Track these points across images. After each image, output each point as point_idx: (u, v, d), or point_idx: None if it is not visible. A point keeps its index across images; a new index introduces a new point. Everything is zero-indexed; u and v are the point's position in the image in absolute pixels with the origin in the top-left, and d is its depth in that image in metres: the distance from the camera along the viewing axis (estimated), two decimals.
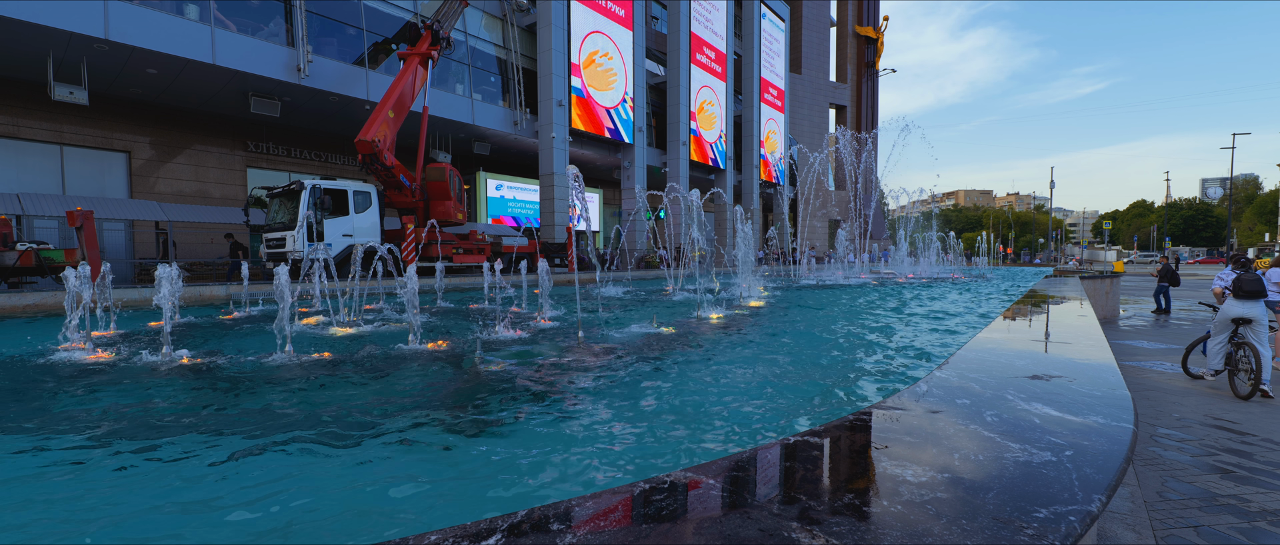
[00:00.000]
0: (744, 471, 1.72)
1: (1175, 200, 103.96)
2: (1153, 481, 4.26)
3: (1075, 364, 3.36)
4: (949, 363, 3.33)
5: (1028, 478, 1.60)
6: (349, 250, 15.16)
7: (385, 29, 19.50)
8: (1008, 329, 5.07)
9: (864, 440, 2.01)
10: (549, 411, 3.88)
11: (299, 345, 6.07)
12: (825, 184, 50.48)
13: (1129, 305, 18.94)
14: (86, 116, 17.43)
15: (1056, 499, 1.45)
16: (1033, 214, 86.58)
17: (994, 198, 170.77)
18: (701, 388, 4.54)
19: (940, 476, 1.60)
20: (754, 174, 37.91)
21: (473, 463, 3.00)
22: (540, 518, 1.37)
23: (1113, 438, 1.96)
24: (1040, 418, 2.19)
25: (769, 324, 8.48)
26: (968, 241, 57.81)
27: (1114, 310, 16.06)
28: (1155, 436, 5.33)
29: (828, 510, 1.40)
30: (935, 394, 2.57)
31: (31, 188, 16.85)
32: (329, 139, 22.80)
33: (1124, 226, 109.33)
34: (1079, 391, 2.63)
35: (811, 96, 50.24)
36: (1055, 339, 4.47)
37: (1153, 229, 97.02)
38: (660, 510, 1.43)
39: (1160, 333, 12.52)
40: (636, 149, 27.84)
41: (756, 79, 38.06)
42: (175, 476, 2.82)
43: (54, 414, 3.94)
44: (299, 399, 4.30)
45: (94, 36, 13.14)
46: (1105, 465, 1.70)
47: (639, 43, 28.07)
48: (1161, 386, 7.35)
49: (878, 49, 57.05)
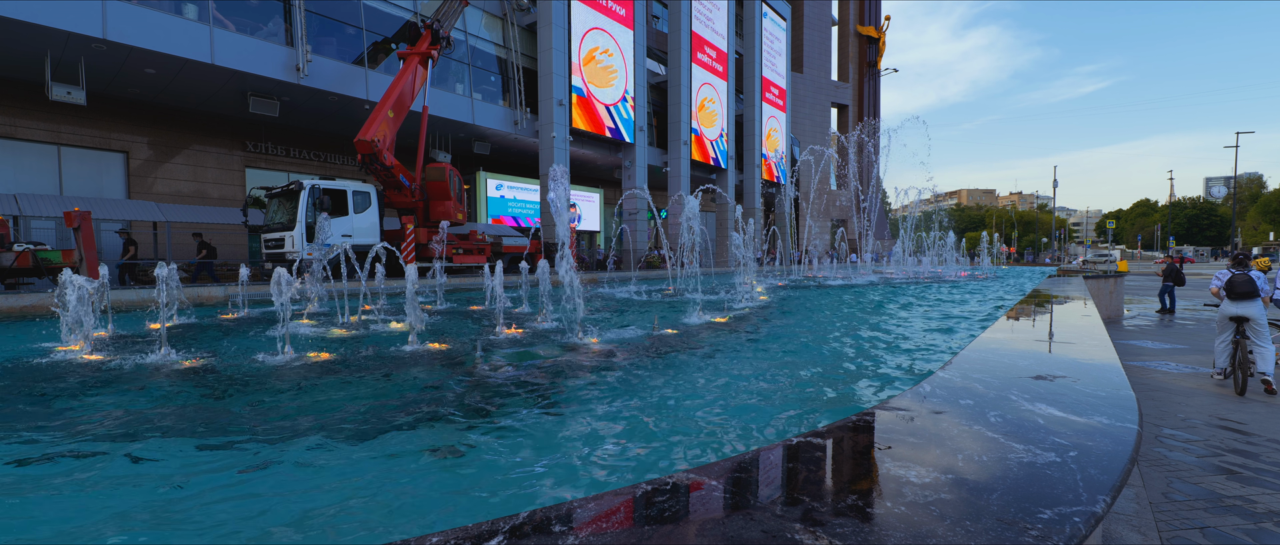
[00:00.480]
0: (746, 473, 1.72)
1: (1179, 199, 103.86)
2: (1158, 482, 4.25)
3: (1079, 364, 3.35)
4: (952, 363, 3.33)
5: (1032, 478, 1.60)
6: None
7: (385, 28, 19.52)
8: (1011, 329, 5.06)
9: (867, 441, 2.01)
10: (549, 412, 3.88)
11: (297, 346, 6.08)
12: (827, 183, 50.50)
13: (1133, 305, 18.93)
14: (84, 116, 17.45)
15: (1061, 500, 1.45)
16: (1036, 213, 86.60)
17: (997, 197, 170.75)
18: (701, 389, 4.54)
19: (944, 477, 1.61)
20: (756, 173, 37.90)
21: (473, 464, 3.01)
22: (542, 519, 1.37)
23: (1117, 438, 1.96)
24: (1044, 418, 2.19)
25: (769, 325, 8.48)
26: (971, 241, 57.78)
27: (1118, 310, 16.05)
28: (1160, 437, 5.32)
29: (831, 512, 1.40)
30: (938, 394, 2.57)
31: (29, 188, 16.88)
32: (328, 139, 22.82)
33: (1127, 226, 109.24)
34: (1083, 392, 2.63)
35: (813, 95, 50.25)
36: (1059, 339, 4.47)
37: (1156, 228, 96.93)
38: (662, 512, 1.43)
39: (1165, 333, 12.51)
40: (638, 148, 27.85)
41: (758, 78, 38.06)
42: (169, 480, 2.83)
43: (50, 416, 3.94)
44: (296, 401, 4.31)
45: (92, 36, 13.16)
46: (1110, 466, 1.70)
47: (640, 42, 28.08)
48: (1166, 387, 7.35)
49: (879, 49, 57.09)
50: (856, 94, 56.21)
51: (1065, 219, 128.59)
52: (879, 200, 51.07)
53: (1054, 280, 15.30)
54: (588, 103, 25.13)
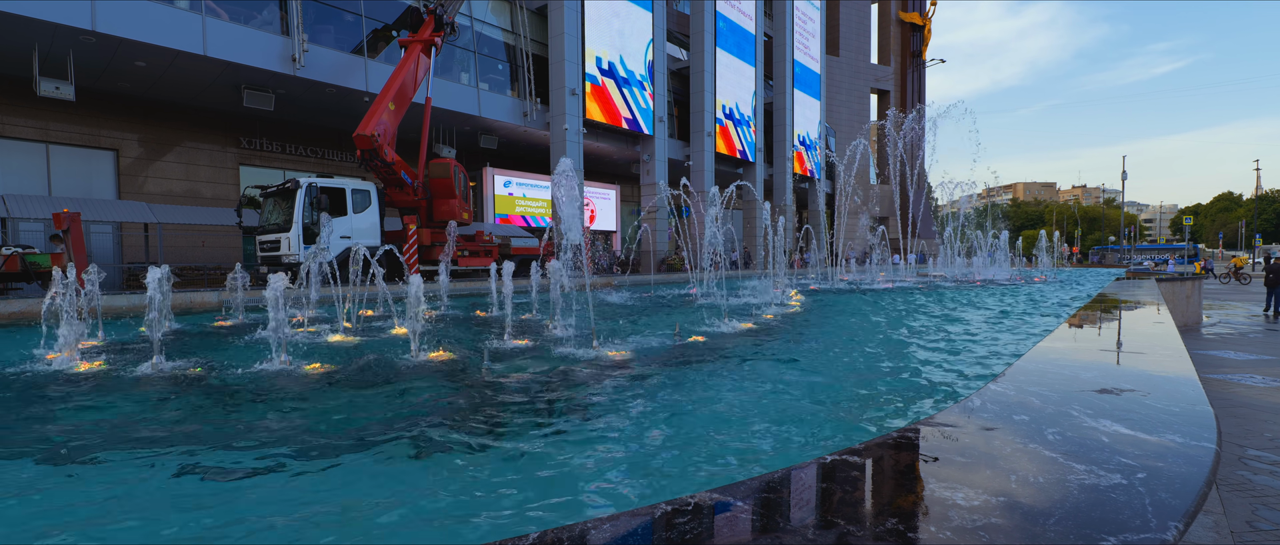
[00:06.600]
0: (775, 493, 1.72)
1: (1266, 192, 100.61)
2: (1241, 509, 4.13)
3: (1150, 376, 3.28)
4: (1005, 375, 3.28)
5: (1095, 503, 1.57)
6: (345, 252, 15.40)
7: (385, 15, 19.84)
8: (1074, 338, 4.97)
9: (909, 460, 2.00)
10: (561, 427, 3.91)
11: (294, 355, 6.20)
12: (866, 177, 49.99)
13: (1213, 311, 18.40)
14: (73, 113, 18.02)
15: (1126, 526, 1.43)
16: (1102, 209, 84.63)
17: (1057, 190, 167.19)
18: (726, 402, 4.53)
19: (995, 501, 1.59)
20: (787, 167, 37.68)
21: (479, 482, 3.04)
22: (553, 540, 1.39)
23: (1192, 459, 1.92)
24: (1109, 436, 2.15)
25: (801, 332, 8.43)
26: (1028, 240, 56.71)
27: (1196, 316, 15.62)
28: (1244, 459, 5.17)
29: (870, 536, 1.39)
30: (990, 409, 2.53)
31: (16, 188, 17.46)
32: (326, 134, 23.25)
33: (1207, 222, 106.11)
34: (1154, 407, 2.58)
35: (850, 81, 49.82)
36: (1127, 348, 4.37)
37: (1240, 224, 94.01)
38: (683, 535, 1.43)
39: (1250, 342, 12.14)
40: (657, 141, 27.86)
41: (789, 63, 37.82)
42: (161, 493, 2.90)
43: (41, 425, 4.08)
44: (292, 413, 4.39)
45: (81, 28, 13.60)
46: (1183, 489, 1.66)
47: (659, 25, 28.11)
48: (1252, 402, 7.13)
49: (924, 37, 56.16)
50: (899, 86, 55.48)
51: (1135, 215, 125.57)
52: (924, 196, 50.40)
53: (1123, 283, 14.96)
54: (603, 91, 25.21)
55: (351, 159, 23.10)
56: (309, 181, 15.44)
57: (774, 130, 37.94)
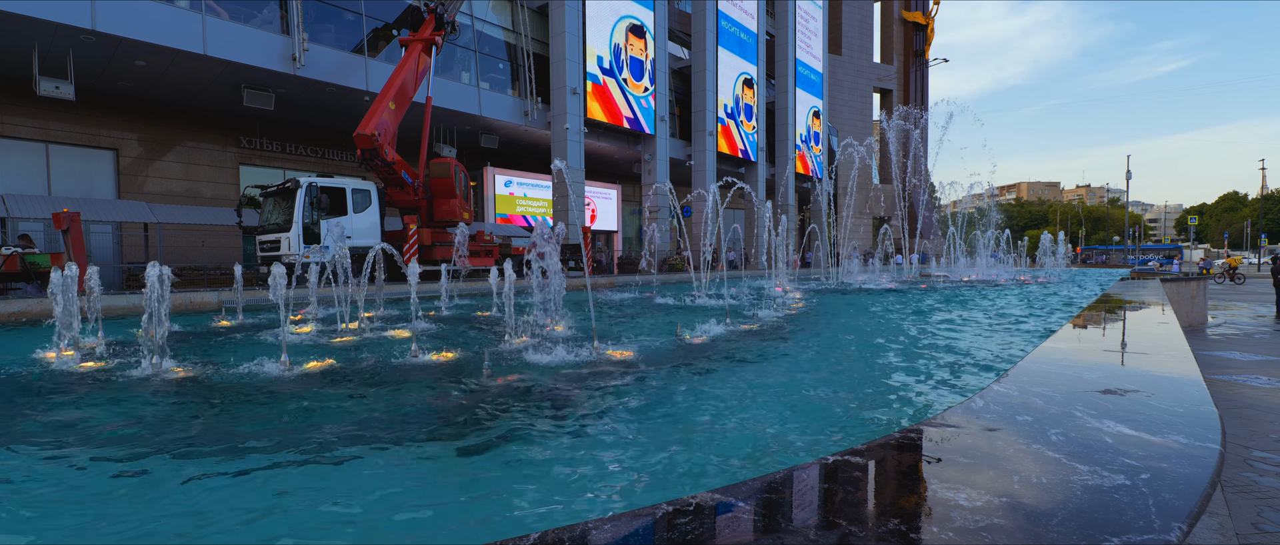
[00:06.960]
0: (777, 493, 1.72)
1: (1272, 192, 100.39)
2: (1246, 511, 4.13)
3: (1154, 377, 3.28)
4: (1008, 376, 3.28)
5: (1098, 503, 1.57)
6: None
7: (385, 14, 19.87)
8: (1077, 338, 4.96)
9: (912, 460, 2.00)
10: (562, 427, 3.91)
11: (295, 355, 6.21)
12: (869, 177, 49.97)
13: (1218, 311, 18.37)
14: (73, 112, 18.07)
15: (1130, 527, 1.43)
16: (1106, 208, 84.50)
17: (1061, 190, 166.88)
18: (726, 402, 4.53)
19: (997, 501, 1.59)
20: (789, 167, 37.66)
21: (479, 483, 3.04)
22: (553, 540, 1.39)
23: (1196, 460, 1.91)
24: (1113, 436, 2.15)
25: (805, 333, 8.43)
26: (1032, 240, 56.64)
27: (1201, 317, 15.60)
28: (1249, 460, 5.16)
29: (872, 537, 1.39)
30: (993, 410, 2.53)
31: (16, 188, 17.51)
32: (326, 133, 23.29)
33: (1212, 222, 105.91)
34: (1157, 408, 2.58)
35: (853, 80, 49.80)
36: (1131, 349, 4.37)
37: (1246, 224, 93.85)
38: (685, 535, 1.44)
39: (1256, 343, 12.12)
40: (659, 140, 27.87)
41: (791, 61, 37.83)
42: (160, 495, 2.91)
43: (42, 427, 4.09)
44: (293, 414, 4.40)
45: (81, 27, 13.63)
46: (1187, 490, 1.66)
47: (661, 24, 28.12)
48: (1257, 403, 7.12)
49: (927, 36, 56.16)
50: (901, 86, 55.45)
51: (1140, 214, 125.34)
52: (927, 196, 50.38)
53: (1127, 283, 14.94)
54: (604, 90, 25.22)
55: (352, 158, 23.14)
56: (309, 181, 15.47)
57: (776, 130, 37.93)
